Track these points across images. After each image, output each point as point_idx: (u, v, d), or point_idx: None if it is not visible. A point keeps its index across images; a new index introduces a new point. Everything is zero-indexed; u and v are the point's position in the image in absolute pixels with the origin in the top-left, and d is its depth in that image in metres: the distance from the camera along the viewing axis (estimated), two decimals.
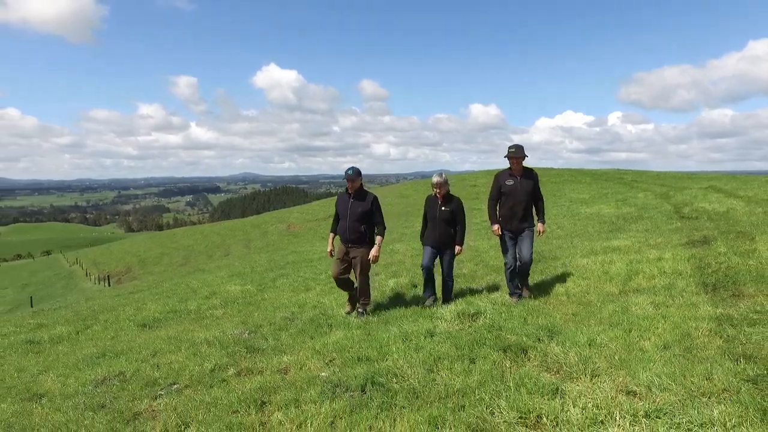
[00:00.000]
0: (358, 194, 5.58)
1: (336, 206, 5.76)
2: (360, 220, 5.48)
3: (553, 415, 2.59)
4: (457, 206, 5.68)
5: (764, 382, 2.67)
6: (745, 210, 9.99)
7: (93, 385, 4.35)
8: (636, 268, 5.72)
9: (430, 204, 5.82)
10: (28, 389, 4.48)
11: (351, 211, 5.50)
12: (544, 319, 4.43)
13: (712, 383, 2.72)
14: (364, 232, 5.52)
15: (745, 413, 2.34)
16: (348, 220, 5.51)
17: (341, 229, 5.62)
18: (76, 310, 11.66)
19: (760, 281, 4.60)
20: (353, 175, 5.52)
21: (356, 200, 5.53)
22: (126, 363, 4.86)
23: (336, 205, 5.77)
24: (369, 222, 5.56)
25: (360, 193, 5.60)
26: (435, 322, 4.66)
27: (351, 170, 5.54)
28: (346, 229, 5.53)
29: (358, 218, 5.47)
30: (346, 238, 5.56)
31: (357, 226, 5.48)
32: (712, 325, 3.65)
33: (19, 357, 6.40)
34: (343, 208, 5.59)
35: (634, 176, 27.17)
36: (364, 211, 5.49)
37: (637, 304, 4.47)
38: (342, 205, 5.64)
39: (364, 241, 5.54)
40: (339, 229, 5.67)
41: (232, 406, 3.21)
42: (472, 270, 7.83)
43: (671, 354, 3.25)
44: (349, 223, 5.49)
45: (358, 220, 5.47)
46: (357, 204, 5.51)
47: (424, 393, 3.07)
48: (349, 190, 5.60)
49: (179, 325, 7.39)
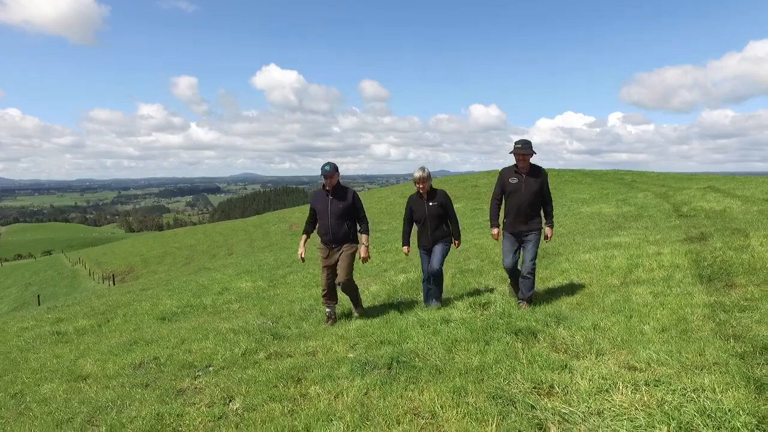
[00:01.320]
0: (337, 191, 5.30)
1: (312, 205, 5.46)
2: (343, 218, 5.24)
3: (564, 385, 2.92)
4: (445, 199, 5.41)
5: (750, 357, 3.00)
6: (741, 209, 10.33)
7: (131, 368, 4.68)
8: (636, 262, 6.06)
9: (415, 204, 5.46)
10: (70, 372, 4.81)
11: (332, 208, 5.23)
12: (550, 307, 4.76)
13: (704, 358, 3.05)
14: (348, 230, 5.29)
15: (732, 381, 2.67)
16: (329, 218, 5.24)
17: (322, 229, 5.33)
18: (91, 305, 11.98)
19: (752, 273, 4.94)
20: (331, 171, 5.23)
21: (336, 197, 5.26)
22: (158, 349, 5.19)
23: (312, 204, 5.46)
24: (351, 219, 5.33)
25: (339, 189, 5.31)
26: (449, 311, 5.00)
27: (329, 166, 5.24)
28: (328, 229, 5.26)
29: (340, 216, 5.23)
30: (329, 238, 5.29)
31: (340, 224, 5.24)
32: (706, 311, 3.98)
33: (51, 346, 6.73)
34: (323, 206, 5.30)
35: (634, 177, 27.53)
36: (346, 207, 5.25)
37: (637, 293, 4.81)
38: (320, 203, 5.33)
39: (348, 240, 5.29)
40: (320, 229, 5.37)
41: (271, 382, 3.54)
42: (479, 266, 8.16)
43: (668, 336, 3.58)
44: (331, 221, 5.23)
45: (340, 218, 5.24)
46: (337, 201, 5.25)
47: (446, 369, 3.41)
48: (327, 187, 5.30)
49: (198, 318, 7.72)
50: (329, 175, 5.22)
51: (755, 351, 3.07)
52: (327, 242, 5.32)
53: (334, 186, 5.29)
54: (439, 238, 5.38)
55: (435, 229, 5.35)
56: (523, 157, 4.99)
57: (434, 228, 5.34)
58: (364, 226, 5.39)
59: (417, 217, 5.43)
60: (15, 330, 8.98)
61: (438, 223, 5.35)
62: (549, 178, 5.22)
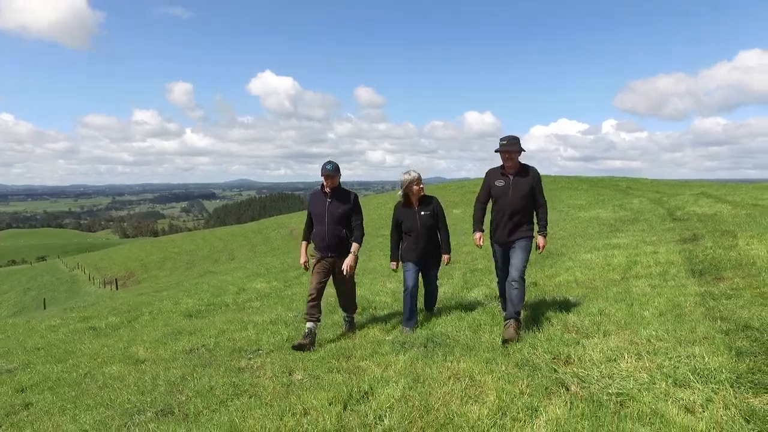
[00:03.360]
0: (337, 193, 4.80)
1: (309, 208, 4.94)
2: (342, 224, 4.75)
3: (579, 355, 3.48)
4: (438, 207, 4.89)
5: (733, 333, 3.57)
6: (731, 213, 10.98)
7: (184, 353, 5.20)
8: (635, 260, 6.65)
9: (404, 213, 4.87)
10: (126, 357, 5.31)
11: (330, 213, 4.74)
12: (559, 298, 5.33)
13: (695, 334, 3.62)
14: (347, 237, 4.80)
15: (717, 350, 3.24)
16: (327, 224, 4.73)
17: (318, 235, 4.80)
18: (111, 305, 12.43)
19: (738, 268, 5.53)
20: (333, 171, 4.74)
21: (336, 200, 4.77)
22: (203, 338, 5.70)
23: (309, 207, 4.94)
24: (350, 225, 4.83)
25: (339, 191, 4.82)
26: (470, 300, 5.56)
27: (330, 165, 4.75)
28: (324, 236, 4.73)
29: (339, 221, 4.74)
30: (324, 245, 4.75)
31: (338, 230, 4.74)
32: (697, 299, 4.56)
33: (91, 339, 7.21)
34: (320, 209, 4.79)
35: (629, 183, 28.32)
36: (347, 211, 4.77)
37: (637, 286, 5.38)
38: (318, 206, 4.83)
39: (347, 249, 4.77)
40: (315, 235, 4.85)
41: (324, 359, 4.08)
42: (487, 265, 8.72)
43: (665, 318, 4.15)
44: (329, 227, 4.72)
45: (339, 224, 4.74)
46: (337, 204, 4.75)
47: (475, 346, 3.97)
48: (327, 188, 4.81)
49: (225, 315, 8.21)
50: (331, 175, 4.73)
51: (737, 329, 3.64)
52: (322, 250, 4.79)
53: (335, 188, 4.81)
54: (432, 251, 4.88)
55: (427, 242, 4.82)
56: (510, 155, 4.40)
57: (426, 240, 4.80)
58: (357, 233, 4.81)
59: (407, 228, 4.83)
60: (43, 328, 9.43)
61: (431, 235, 4.84)
62: (546, 185, 4.86)
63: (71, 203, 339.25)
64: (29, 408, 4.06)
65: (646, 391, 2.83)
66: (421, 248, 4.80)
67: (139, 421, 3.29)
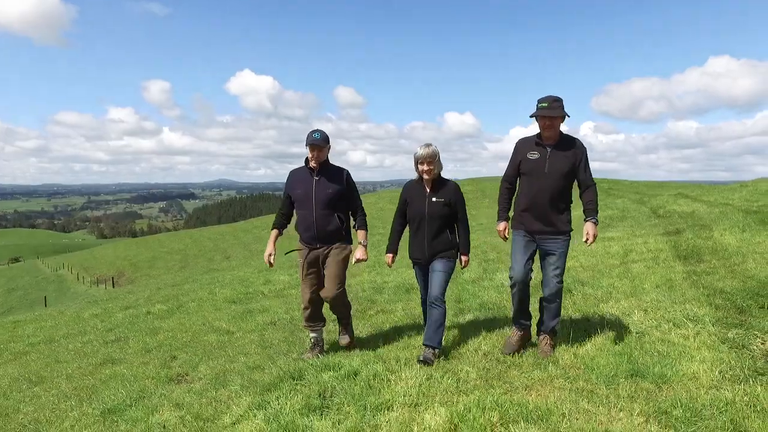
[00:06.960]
0: (325, 170, 3.93)
1: (288, 189, 4.03)
2: (333, 207, 3.91)
3: (600, 313, 4.67)
4: (455, 195, 3.85)
5: (712, 296, 4.81)
6: (707, 211, 12.41)
7: (268, 324, 6.19)
8: (629, 249, 7.91)
9: (412, 194, 3.90)
10: (215, 329, 6.28)
11: (317, 194, 3.87)
12: (573, 277, 6.53)
13: (685, 297, 4.85)
14: (341, 224, 3.96)
15: (702, 305, 4.46)
16: (315, 208, 3.87)
17: (304, 223, 3.95)
18: (143, 295, 13.17)
19: (714, 253, 6.82)
20: (321, 141, 3.83)
21: (324, 178, 3.89)
22: (274, 315, 6.70)
23: (288, 188, 4.03)
24: (344, 210, 4.02)
25: (328, 168, 3.96)
26: (499, 280, 6.74)
27: (318, 133, 3.82)
28: (311, 223, 3.90)
29: (328, 204, 3.88)
30: (311, 235, 3.93)
31: (328, 216, 3.89)
32: (684, 275, 5.81)
33: (157, 321, 8.11)
34: (304, 190, 3.91)
35: (610, 185, 30.13)
36: (338, 193, 3.91)
37: (634, 268, 6.61)
38: (301, 186, 3.93)
39: (339, 239, 3.97)
40: (299, 223, 4.00)
41: (400, 320, 5.19)
42: (497, 257, 9.90)
43: (661, 289, 5.37)
44: (317, 212, 3.88)
45: (329, 207, 3.88)
46: (326, 184, 3.88)
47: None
48: (313, 163, 3.90)
49: (268, 301, 9.16)
50: (318, 145, 3.82)
51: (715, 293, 4.88)
52: (308, 241, 3.99)
53: (322, 163, 3.92)
54: (439, 250, 3.85)
55: (434, 237, 3.83)
56: (551, 121, 3.47)
57: (433, 234, 3.82)
58: (360, 218, 4.09)
59: (412, 214, 3.91)
60: (87, 316, 10.21)
61: (440, 228, 3.83)
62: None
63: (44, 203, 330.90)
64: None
65: (655, 330, 4.03)
66: (427, 244, 3.84)
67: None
